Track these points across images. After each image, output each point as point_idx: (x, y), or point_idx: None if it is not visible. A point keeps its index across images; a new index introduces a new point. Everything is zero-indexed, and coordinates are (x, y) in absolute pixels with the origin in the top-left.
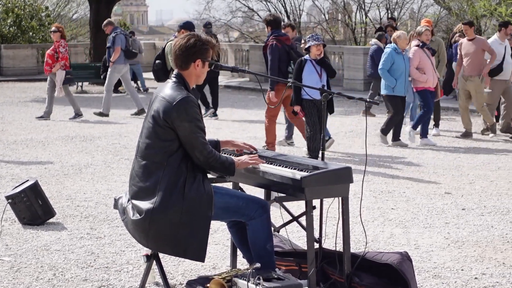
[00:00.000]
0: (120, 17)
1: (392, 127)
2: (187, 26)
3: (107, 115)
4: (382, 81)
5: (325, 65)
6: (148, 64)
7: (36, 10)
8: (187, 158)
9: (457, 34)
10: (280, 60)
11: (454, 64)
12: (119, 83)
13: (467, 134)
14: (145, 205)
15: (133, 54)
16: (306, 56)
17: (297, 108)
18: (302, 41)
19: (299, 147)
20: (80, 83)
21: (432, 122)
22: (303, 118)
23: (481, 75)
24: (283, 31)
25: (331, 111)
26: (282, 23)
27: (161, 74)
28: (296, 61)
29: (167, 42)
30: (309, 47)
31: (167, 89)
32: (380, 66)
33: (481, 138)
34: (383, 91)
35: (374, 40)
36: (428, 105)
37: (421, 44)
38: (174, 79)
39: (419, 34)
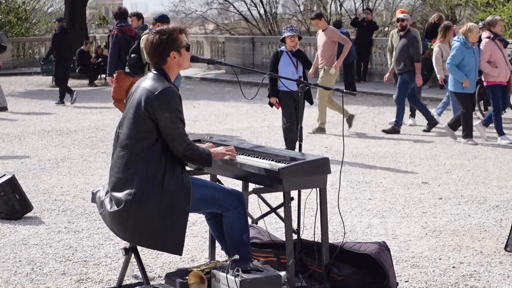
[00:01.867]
0: (95, 10)
1: (461, 124)
2: (162, 19)
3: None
4: (450, 77)
5: (301, 57)
6: None
7: (13, 4)
8: (166, 150)
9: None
10: (121, 49)
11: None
12: (94, 77)
13: (320, 130)
14: (123, 196)
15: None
16: (282, 48)
17: (273, 100)
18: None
19: (275, 139)
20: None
21: (408, 112)
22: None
23: (331, 66)
24: (129, 19)
25: (311, 101)
26: (130, 12)
27: (137, 68)
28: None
29: (141, 35)
30: (284, 38)
31: (148, 80)
32: (448, 61)
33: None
34: (450, 88)
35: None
36: (497, 102)
37: (492, 36)
38: (154, 72)
39: (491, 24)
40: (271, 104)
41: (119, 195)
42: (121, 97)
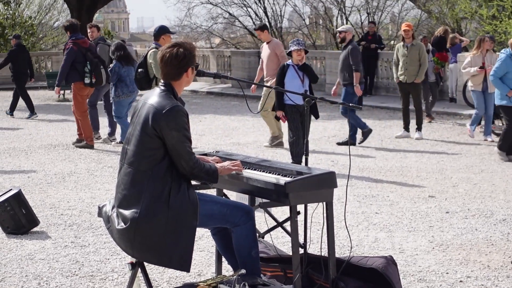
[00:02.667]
0: (101, 24)
1: (510, 140)
2: (166, 30)
3: None
4: (496, 91)
5: (307, 71)
6: None
7: (19, 19)
8: (172, 167)
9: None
10: (77, 61)
11: (451, 66)
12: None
13: (275, 139)
14: (130, 214)
15: None
16: (288, 61)
17: (279, 114)
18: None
19: (281, 153)
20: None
21: (414, 126)
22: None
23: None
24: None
25: (316, 116)
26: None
27: (144, 83)
28: (92, 62)
29: (149, 50)
30: (290, 52)
31: (155, 97)
32: (491, 73)
33: (464, 141)
34: (497, 101)
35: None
36: None
37: None
38: (162, 87)
39: None
40: (277, 118)
41: (126, 212)
42: (85, 108)
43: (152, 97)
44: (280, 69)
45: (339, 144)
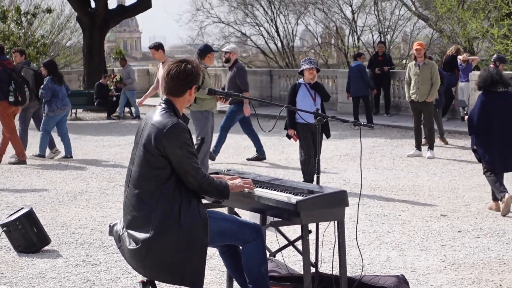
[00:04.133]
0: (113, 43)
1: None
2: (211, 49)
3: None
4: None
5: (319, 89)
6: (142, 90)
7: (32, 38)
8: (180, 184)
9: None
10: (2, 80)
11: (461, 85)
12: (113, 110)
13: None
14: (141, 235)
15: None
16: (300, 80)
17: (291, 132)
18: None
19: (292, 171)
20: (74, 110)
21: (426, 145)
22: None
23: None
24: (13, 55)
25: (328, 135)
26: (14, 48)
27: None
28: (16, 81)
29: None
30: (302, 71)
31: (156, 116)
32: None
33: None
34: None
35: None
36: None
37: None
38: (163, 105)
39: None
40: (289, 137)
41: (137, 234)
42: (12, 125)
43: (153, 116)
44: (292, 88)
45: (249, 159)
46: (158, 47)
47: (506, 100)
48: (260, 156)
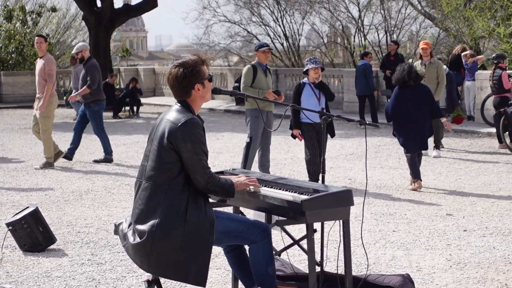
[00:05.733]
0: (119, 42)
1: None
2: (261, 46)
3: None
4: None
5: (324, 89)
6: (148, 89)
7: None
8: (189, 182)
9: (466, 53)
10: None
11: (467, 84)
12: (119, 109)
13: (48, 164)
14: (146, 227)
15: None
16: (305, 80)
17: (296, 132)
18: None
19: (298, 171)
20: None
21: (432, 144)
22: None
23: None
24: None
25: (332, 134)
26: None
27: (240, 98)
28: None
29: (247, 66)
30: (307, 70)
31: (172, 112)
32: None
33: (482, 159)
34: None
35: None
36: None
37: None
38: (179, 104)
39: None
40: (293, 136)
41: (142, 226)
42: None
43: (169, 113)
44: (296, 88)
45: (95, 161)
46: (46, 39)
47: (416, 92)
48: (109, 158)
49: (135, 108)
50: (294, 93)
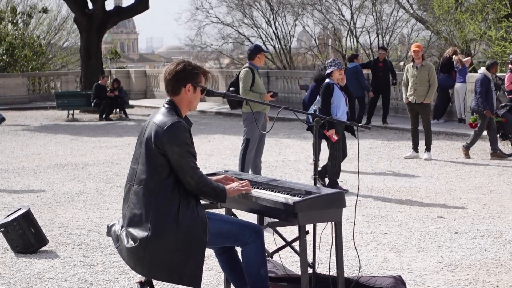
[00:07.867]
0: (110, 44)
1: None
2: (261, 49)
3: None
4: None
5: (347, 91)
6: (139, 91)
7: (28, 39)
8: (179, 184)
9: (455, 57)
10: None
11: (457, 86)
12: (110, 111)
13: None
14: (139, 232)
15: None
16: (330, 81)
17: (332, 132)
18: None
19: (300, 173)
20: (71, 111)
21: (423, 146)
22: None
23: None
24: None
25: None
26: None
27: (235, 102)
28: None
29: (241, 70)
30: (332, 72)
31: (158, 115)
32: None
33: (473, 162)
34: None
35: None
36: None
37: None
38: (166, 106)
39: None
40: (324, 137)
41: (135, 231)
42: None
43: (156, 116)
44: (326, 88)
45: None
46: None
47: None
48: None
49: (125, 109)
50: (324, 93)
